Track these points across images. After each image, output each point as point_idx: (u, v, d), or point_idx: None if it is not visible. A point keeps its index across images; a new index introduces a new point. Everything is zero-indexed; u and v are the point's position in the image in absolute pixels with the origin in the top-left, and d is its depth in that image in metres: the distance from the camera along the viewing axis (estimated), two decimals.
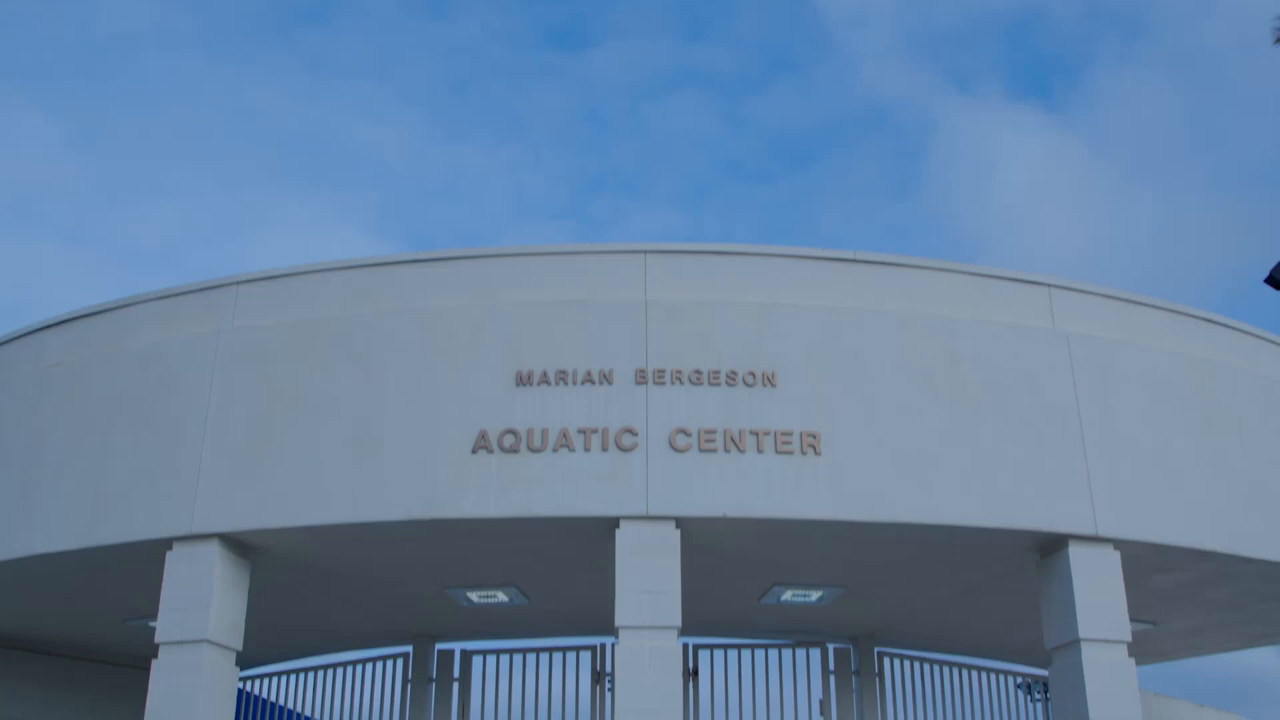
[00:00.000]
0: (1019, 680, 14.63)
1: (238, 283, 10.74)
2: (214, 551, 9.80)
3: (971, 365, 10.15)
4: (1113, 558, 9.96)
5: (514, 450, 9.54)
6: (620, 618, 9.21)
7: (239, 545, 10.02)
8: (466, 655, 13.47)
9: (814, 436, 9.62)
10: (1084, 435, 10.17)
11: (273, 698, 14.48)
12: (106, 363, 10.81)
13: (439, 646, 13.55)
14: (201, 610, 9.69)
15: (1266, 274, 11.57)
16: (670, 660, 9.25)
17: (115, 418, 10.51)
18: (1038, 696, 14.69)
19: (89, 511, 10.26)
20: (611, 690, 11.13)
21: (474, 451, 9.56)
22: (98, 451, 10.46)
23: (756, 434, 9.59)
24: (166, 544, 9.92)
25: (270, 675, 14.54)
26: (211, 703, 9.63)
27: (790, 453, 9.56)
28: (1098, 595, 9.81)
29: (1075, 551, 9.88)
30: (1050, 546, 10.07)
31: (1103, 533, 9.93)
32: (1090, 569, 9.86)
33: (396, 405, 9.81)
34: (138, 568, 10.35)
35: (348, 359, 10.05)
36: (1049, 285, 10.79)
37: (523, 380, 9.73)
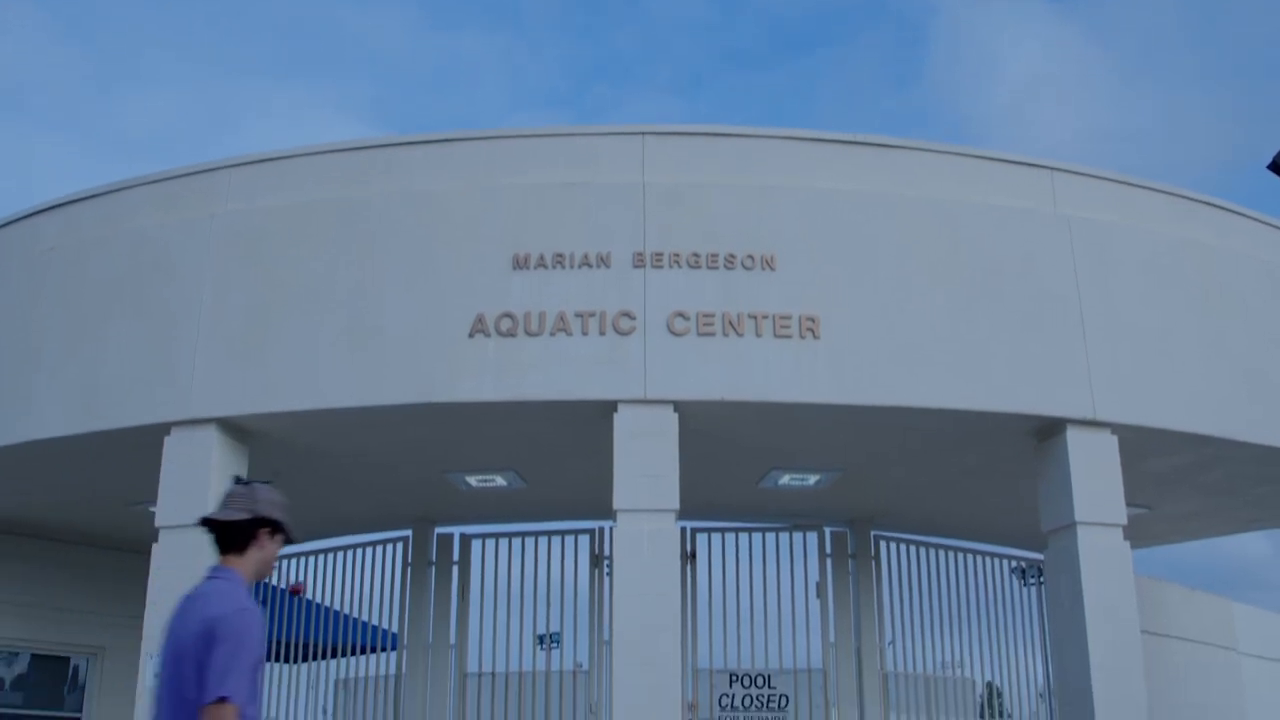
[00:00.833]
0: (1014, 564, 14.76)
1: (231, 166, 10.60)
2: (212, 436, 9.80)
3: (972, 248, 10.08)
4: (1110, 442, 9.98)
5: (511, 334, 9.50)
6: (619, 501, 9.24)
7: (237, 430, 10.02)
8: (466, 539, 13.56)
9: (813, 320, 9.58)
10: (1083, 319, 10.13)
11: (273, 582, 14.61)
12: (101, 247, 10.72)
13: (438, 530, 13.63)
14: (200, 494, 9.71)
15: (1269, 160, 11.48)
16: (669, 543, 9.31)
17: (111, 302, 10.45)
18: (1031, 581, 14.83)
19: (86, 397, 10.25)
20: (610, 573, 11.21)
21: (471, 335, 9.51)
22: (94, 337, 10.41)
23: (755, 317, 9.54)
24: (164, 429, 9.91)
25: None
26: None
27: (789, 336, 9.52)
28: (1094, 479, 9.84)
29: (1073, 436, 9.89)
30: (1048, 431, 10.08)
31: (1100, 417, 9.94)
32: (1087, 453, 9.88)
33: (393, 289, 9.75)
34: (137, 453, 10.36)
35: (344, 242, 9.96)
36: (1050, 169, 10.67)
37: (520, 264, 9.65)
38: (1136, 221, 10.75)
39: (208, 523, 4.21)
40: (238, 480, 4.40)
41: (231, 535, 4.20)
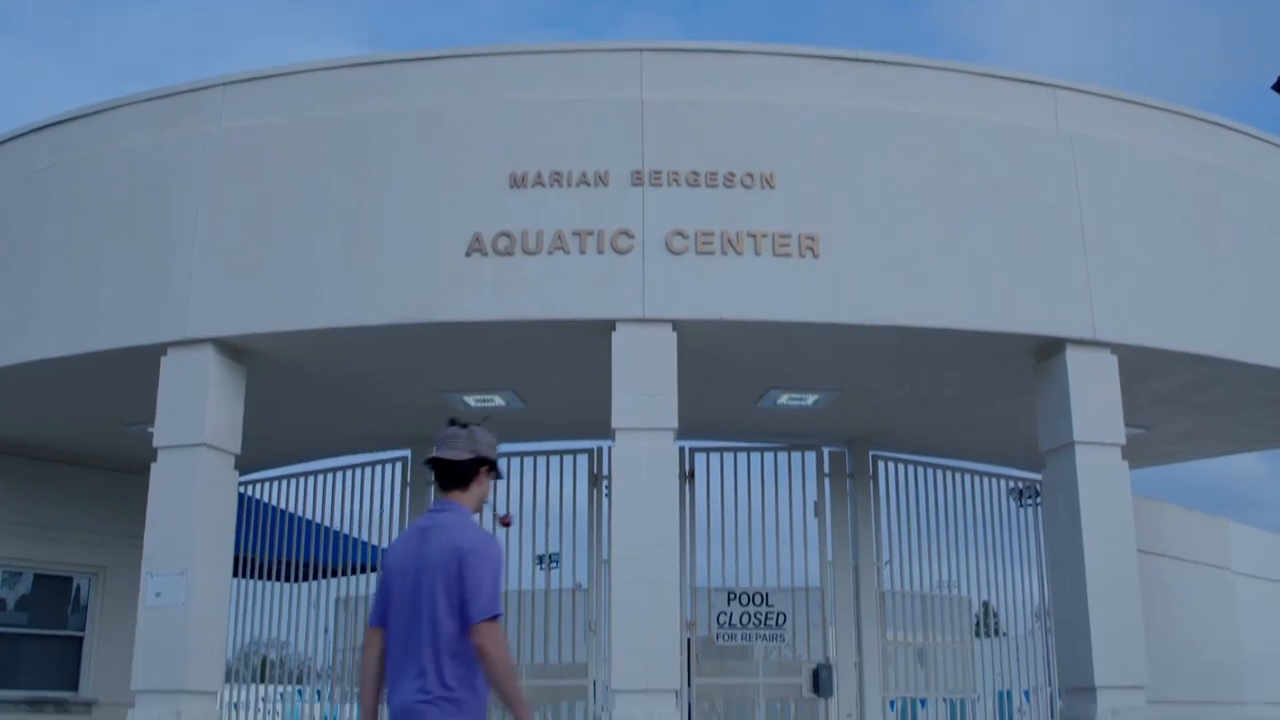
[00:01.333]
0: (1011, 485, 14.82)
1: (226, 84, 10.48)
2: (209, 356, 9.78)
3: (973, 167, 10.00)
4: (1109, 361, 9.97)
5: (509, 253, 9.44)
6: (617, 420, 9.24)
7: (234, 350, 9.99)
8: None
9: (812, 238, 9.52)
10: (1084, 239, 10.08)
11: (273, 501, 14.67)
12: (95, 167, 10.64)
13: None
14: (198, 414, 9.73)
15: (1273, 81, 11.37)
16: (667, 462, 9.34)
17: (106, 222, 10.39)
18: (1028, 502, 14.90)
19: (83, 317, 10.22)
20: (609, 493, 11.25)
21: (468, 254, 9.46)
22: (89, 257, 10.36)
23: (754, 236, 9.48)
24: (161, 349, 9.89)
25: (270, 480, 14.70)
26: (211, 505, 9.75)
27: (788, 255, 9.47)
28: (1093, 399, 9.85)
29: (1072, 355, 9.87)
30: (1047, 350, 10.06)
31: (1100, 337, 9.92)
32: (1086, 372, 9.88)
33: (390, 207, 9.68)
34: (134, 373, 10.34)
35: (340, 161, 9.88)
36: (1053, 86, 10.55)
37: (517, 182, 9.58)
38: (1139, 140, 10.66)
39: (433, 462, 4.67)
40: (453, 422, 4.76)
41: (455, 473, 4.66)
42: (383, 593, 4.64)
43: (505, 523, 4.50)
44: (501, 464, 4.72)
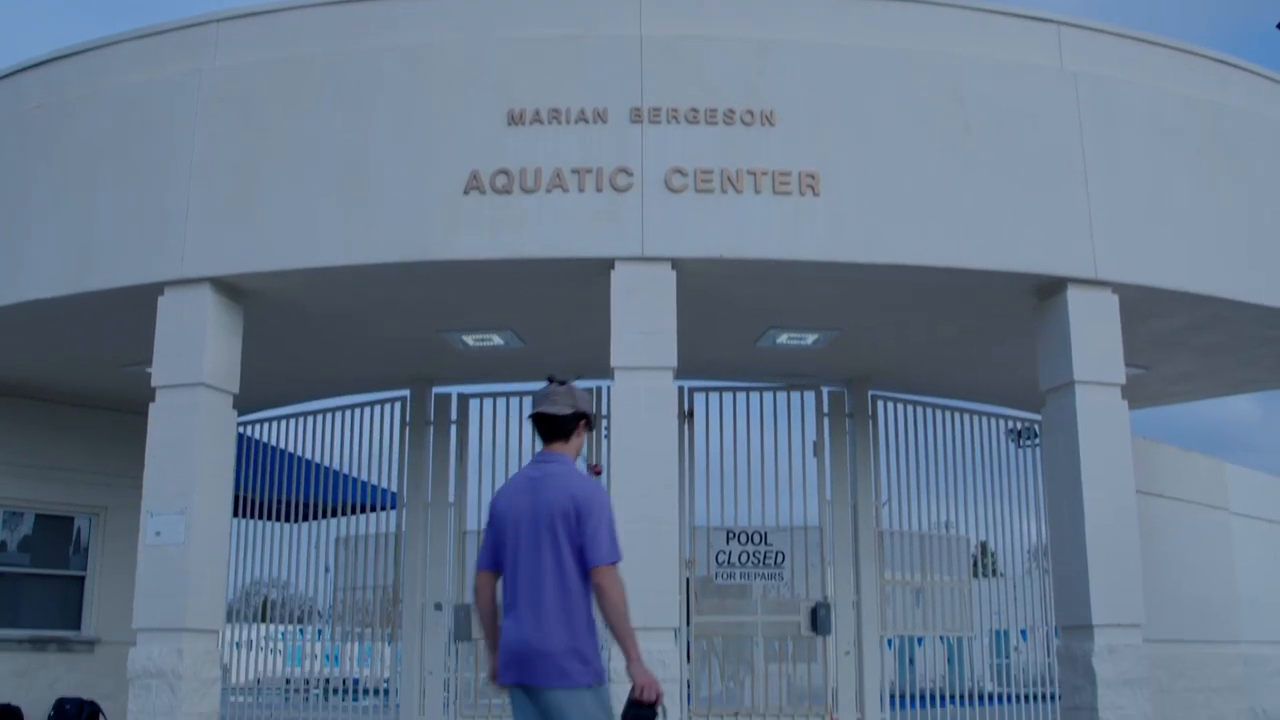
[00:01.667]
0: (1010, 426, 14.83)
1: (218, 20, 10.35)
2: (206, 296, 9.74)
3: (975, 105, 9.90)
4: (1110, 301, 9.93)
5: (506, 191, 9.37)
6: (616, 358, 9.21)
7: (231, 289, 9.94)
8: (463, 398, 13.59)
9: (812, 177, 9.45)
10: (1087, 178, 10.01)
11: (273, 442, 14.69)
12: (87, 105, 10.52)
13: (435, 390, 13.64)
14: (196, 354, 9.70)
15: (1279, 20, 11.21)
16: (666, 400, 9.32)
17: (99, 161, 10.30)
18: (1026, 443, 14.92)
19: (78, 257, 10.17)
20: (608, 432, 11.25)
21: (466, 192, 9.39)
22: (83, 196, 10.29)
23: (754, 174, 9.41)
24: (158, 289, 9.84)
25: (270, 420, 14.71)
26: (210, 444, 9.74)
27: (788, 193, 9.41)
28: (1094, 338, 9.82)
29: (1073, 294, 9.83)
30: (1048, 289, 10.02)
31: (1102, 276, 9.87)
32: (1087, 312, 9.84)
33: (386, 145, 9.60)
34: (131, 313, 10.31)
35: (335, 98, 9.78)
36: (1057, 23, 10.44)
37: (515, 119, 9.49)
38: (1143, 78, 10.55)
39: (537, 417, 5.06)
40: (552, 379, 5.11)
41: (557, 427, 5.06)
42: (492, 538, 4.99)
43: (596, 471, 4.78)
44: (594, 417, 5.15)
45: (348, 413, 13.96)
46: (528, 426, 12.86)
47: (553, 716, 4.66)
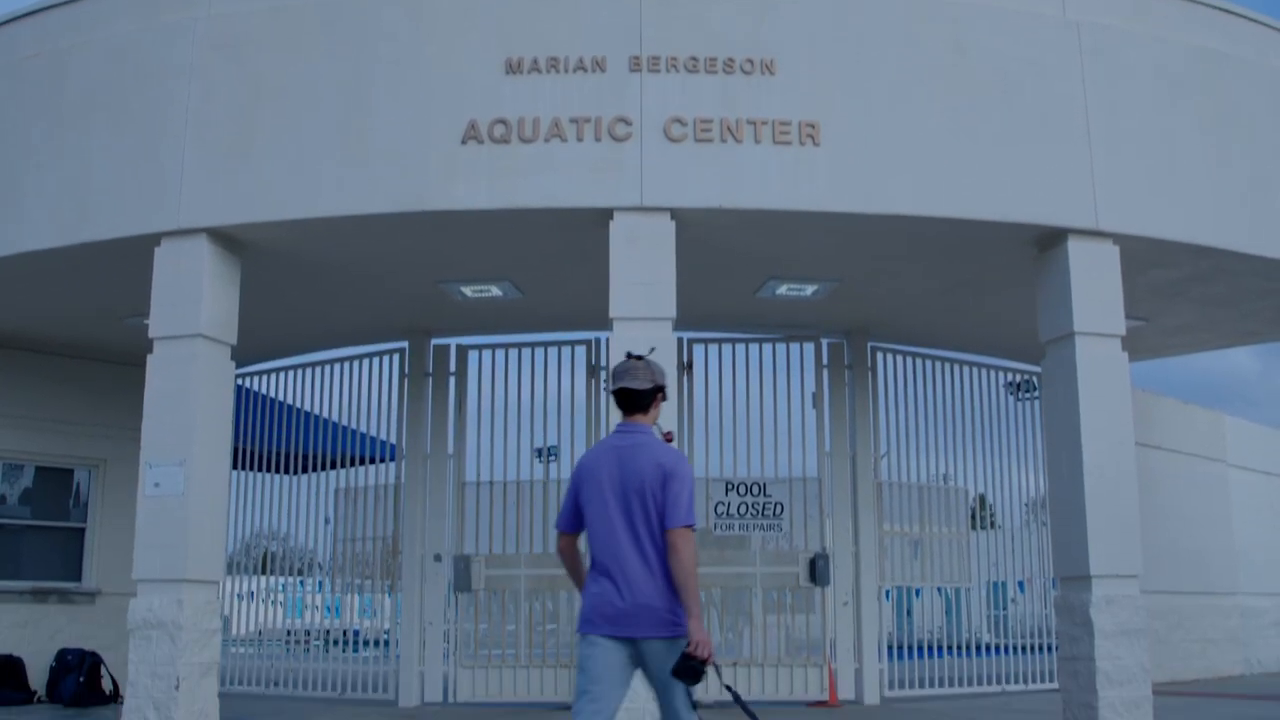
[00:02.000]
0: (1009, 378, 14.83)
1: None
2: (202, 246, 9.69)
3: (977, 54, 9.82)
4: (1111, 252, 9.88)
5: (504, 140, 9.31)
6: (615, 309, 9.18)
7: (228, 240, 9.90)
8: (462, 350, 13.57)
9: (813, 126, 9.38)
10: (1089, 128, 9.94)
11: (271, 393, 14.69)
12: (82, 54, 10.41)
13: (434, 341, 13.62)
14: (193, 305, 9.66)
15: None
16: (665, 352, 9.25)
17: (94, 111, 10.22)
18: (1025, 396, 14.93)
19: (74, 208, 10.11)
20: (607, 384, 11.23)
21: (463, 142, 9.32)
22: (78, 147, 10.21)
23: (754, 123, 9.34)
24: (154, 239, 9.79)
25: (268, 372, 14.70)
26: (208, 396, 9.72)
27: (788, 143, 9.34)
28: (1094, 289, 9.78)
29: (1074, 245, 9.78)
30: (1049, 240, 9.97)
31: (1103, 227, 9.82)
32: (1088, 263, 9.80)
33: (383, 94, 9.52)
34: (128, 265, 10.28)
35: (332, 46, 9.69)
36: None
37: (513, 68, 9.41)
38: (1146, 27, 10.46)
39: (620, 391, 5.41)
40: (630, 355, 5.46)
41: (638, 400, 5.41)
42: (574, 500, 5.41)
43: (669, 438, 5.04)
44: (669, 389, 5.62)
45: (346, 364, 13.95)
46: (526, 378, 12.99)
47: (652, 662, 5.16)
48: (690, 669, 5.01)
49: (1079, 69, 9.99)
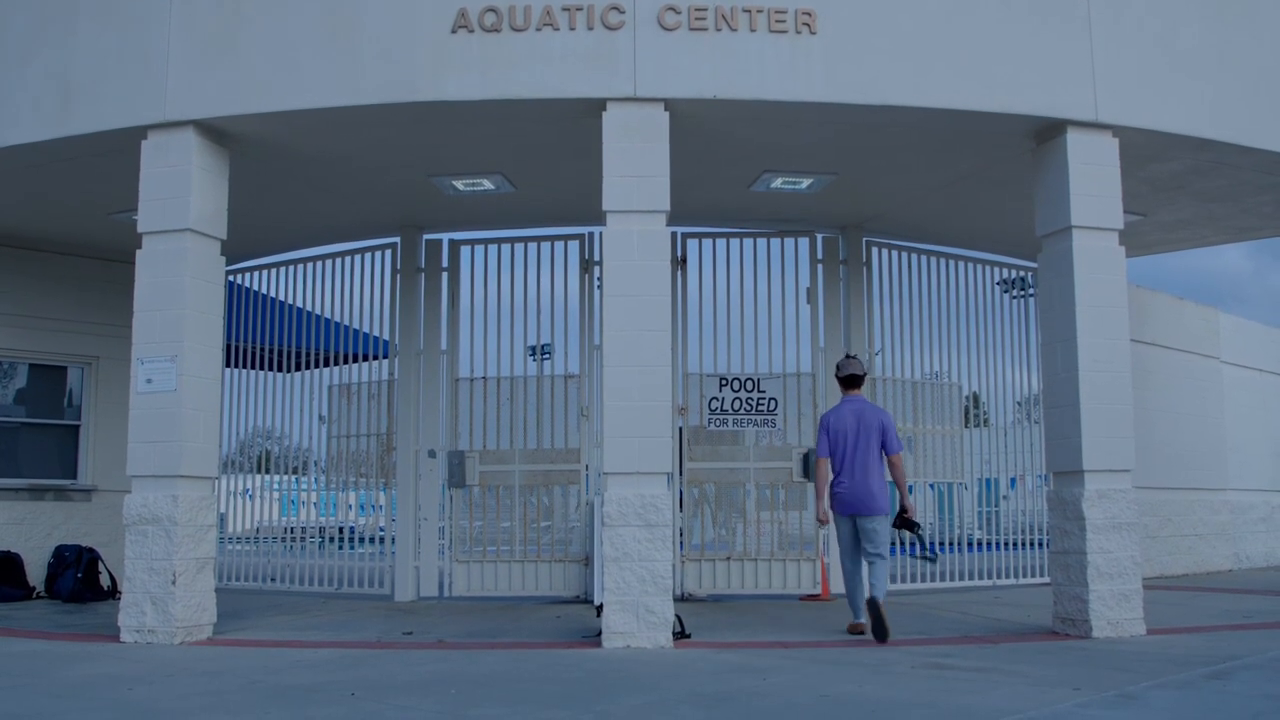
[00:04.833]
0: (1003, 275, 14.76)
1: None
2: (190, 139, 9.57)
3: None
4: (1110, 145, 9.78)
5: (496, 30, 9.14)
6: (608, 202, 9.08)
7: (215, 133, 9.77)
8: (455, 245, 13.46)
9: (809, 15, 9.21)
10: (1090, 18, 9.78)
11: (263, 290, 14.61)
12: None
13: (426, 237, 13.51)
14: (181, 199, 9.57)
15: None
16: (659, 244, 9.20)
17: (78, 1, 10.03)
18: (1018, 293, 14.87)
19: (59, 101, 9.96)
20: (600, 280, 11.16)
21: (454, 31, 9.16)
22: (62, 37, 10.04)
23: (749, 12, 9.17)
24: (141, 132, 9.67)
25: (260, 268, 14.60)
26: (198, 291, 9.66)
27: (784, 32, 9.18)
28: (1093, 182, 9.69)
29: (1073, 137, 9.68)
30: (1047, 133, 9.86)
31: (1102, 119, 9.71)
32: (1087, 156, 9.70)
33: None
34: (115, 159, 10.16)
35: None
36: None
37: None
38: None
39: (849, 377, 10.05)
40: (849, 355, 10.18)
41: (858, 380, 10.05)
42: (830, 439, 9.86)
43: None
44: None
45: (338, 260, 13.85)
46: (519, 272, 12.90)
47: (869, 528, 9.70)
48: (908, 523, 9.72)
49: None
